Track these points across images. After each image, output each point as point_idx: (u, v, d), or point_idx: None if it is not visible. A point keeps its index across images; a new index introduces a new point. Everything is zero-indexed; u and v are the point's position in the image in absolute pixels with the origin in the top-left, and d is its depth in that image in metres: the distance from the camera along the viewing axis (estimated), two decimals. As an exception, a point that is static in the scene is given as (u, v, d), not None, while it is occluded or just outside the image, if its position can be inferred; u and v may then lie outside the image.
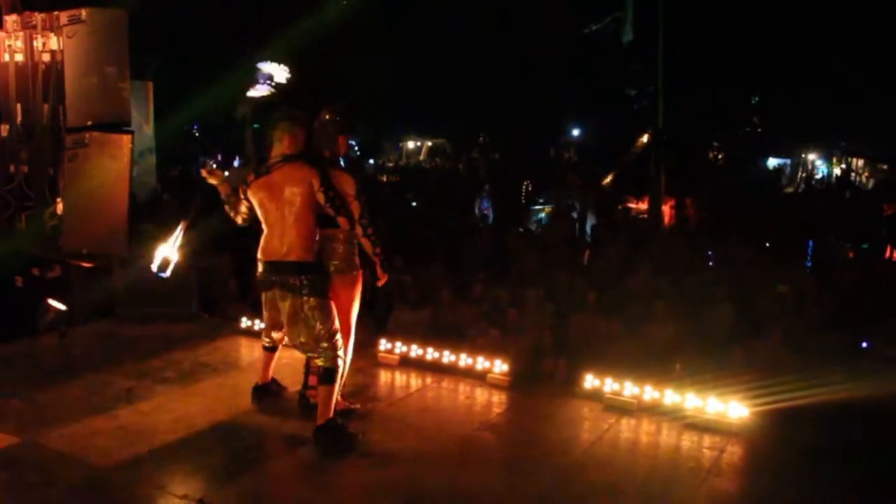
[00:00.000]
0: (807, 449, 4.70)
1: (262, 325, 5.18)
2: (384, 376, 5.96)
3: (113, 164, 7.16)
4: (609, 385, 5.43)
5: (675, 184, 12.55)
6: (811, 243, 10.40)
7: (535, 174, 16.34)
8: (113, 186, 7.12)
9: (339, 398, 4.85)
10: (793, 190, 21.54)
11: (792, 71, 16.98)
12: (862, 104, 17.35)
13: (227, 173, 4.82)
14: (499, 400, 5.57)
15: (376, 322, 7.31)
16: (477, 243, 10.54)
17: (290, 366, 5.69)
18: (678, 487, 4.29)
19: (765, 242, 9.05)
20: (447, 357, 6.04)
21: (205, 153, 21.79)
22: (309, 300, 4.48)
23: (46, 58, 7.23)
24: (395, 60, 16.98)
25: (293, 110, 4.68)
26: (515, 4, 16.05)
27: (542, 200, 15.40)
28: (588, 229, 12.52)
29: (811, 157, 25.12)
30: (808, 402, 4.97)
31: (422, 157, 28.21)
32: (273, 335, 5.08)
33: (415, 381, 5.91)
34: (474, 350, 6.06)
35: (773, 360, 5.65)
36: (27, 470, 4.24)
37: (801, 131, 20.76)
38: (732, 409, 5.00)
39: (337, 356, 4.55)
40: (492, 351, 6.02)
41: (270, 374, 5.29)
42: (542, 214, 14.40)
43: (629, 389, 5.36)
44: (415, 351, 6.18)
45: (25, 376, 5.75)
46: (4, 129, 7.28)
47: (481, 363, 5.91)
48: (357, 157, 22.31)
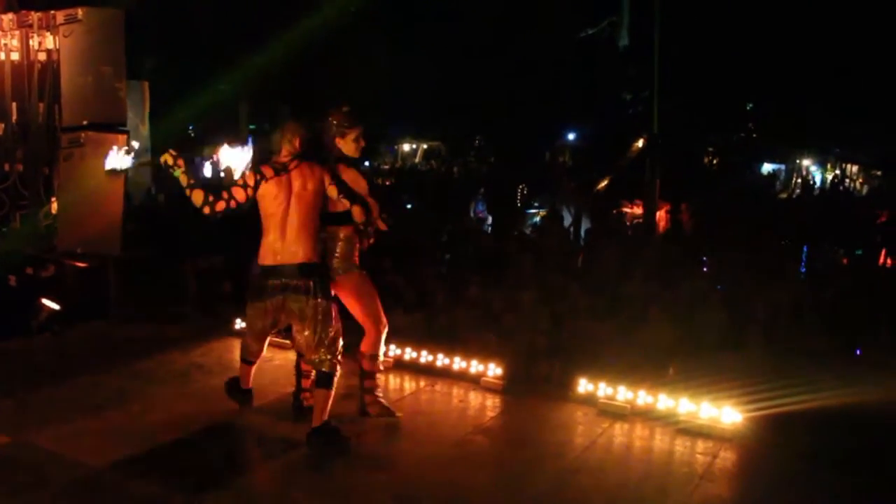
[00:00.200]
0: (800, 455, 4.71)
1: (244, 337, 5.01)
2: (379, 379, 5.94)
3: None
4: (603, 389, 5.44)
5: (670, 189, 12.54)
6: (805, 249, 10.41)
7: (530, 178, 16.33)
8: (108, 186, 7.13)
9: (384, 403, 4.97)
10: (787, 195, 21.58)
11: (787, 77, 17.03)
12: (856, 110, 17.41)
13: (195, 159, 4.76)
14: (492, 404, 5.57)
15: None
16: (472, 246, 10.52)
17: (283, 367, 5.70)
18: (671, 492, 4.29)
19: (759, 248, 9.06)
20: (441, 360, 6.05)
21: (200, 154, 21.71)
22: (318, 302, 4.46)
23: (42, 57, 7.24)
24: (392, 62, 16.98)
25: (300, 111, 4.72)
26: (512, 8, 16.07)
27: (537, 204, 15.40)
28: (583, 233, 12.51)
29: (805, 162, 25.18)
30: (802, 408, 4.99)
31: (417, 160, 28.20)
32: (254, 348, 4.94)
33: (408, 384, 5.91)
34: (468, 353, 6.06)
35: (767, 365, 5.65)
36: (18, 470, 4.23)
37: (795, 137, 20.82)
38: (726, 414, 5.01)
39: (337, 362, 4.55)
40: (486, 354, 6.02)
41: (251, 381, 5.17)
42: (537, 219, 14.40)
43: (623, 394, 5.37)
44: (409, 354, 6.19)
45: (18, 376, 5.73)
46: (0, 128, 7.28)
47: (475, 367, 5.92)
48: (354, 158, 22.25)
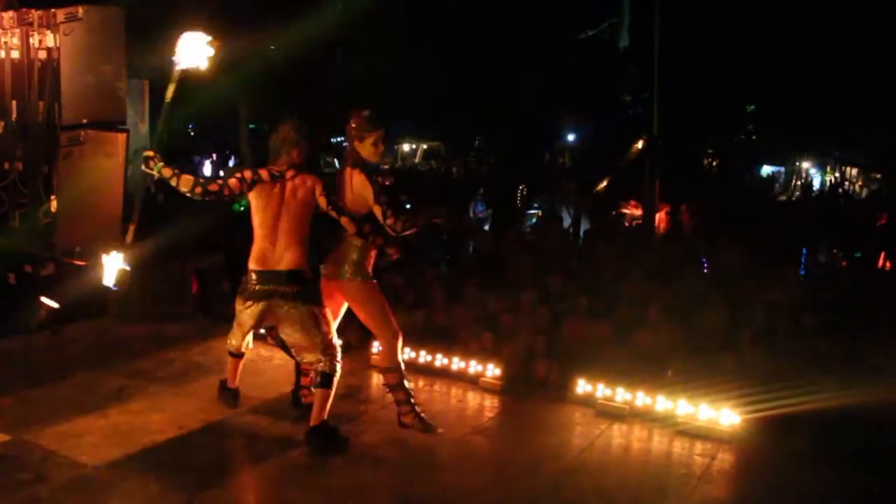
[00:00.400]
0: (798, 456, 4.72)
1: (232, 331, 4.99)
2: (376, 379, 5.94)
3: (108, 163, 7.17)
4: (601, 391, 5.45)
5: (670, 190, 12.54)
6: (804, 251, 10.43)
7: (530, 179, 16.33)
8: (107, 185, 7.13)
9: (419, 414, 4.90)
10: (786, 198, 21.60)
11: (787, 79, 17.03)
12: (856, 113, 17.41)
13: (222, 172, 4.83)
14: (491, 404, 5.58)
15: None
16: (471, 246, 10.53)
17: (283, 367, 5.69)
18: (669, 494, 4.30)
19: (758, 250, 9.07)
20: (439, 360, 6.05)
21: (200, 152, 21.74)
22: (304, 308, 4.53)
23: (42, 55, 7.23)
24: (393, 61, 16.97)
25: (299, 122, 4.75)
26: (512, 9, 16.06)
27: (536, 205, 15.41)
28: (581, 234, 12.51)
29: (805, 165, 25.21)
30: (800, 410, 4.99)
31: (417, 160, 28.21)
32: (234, 342, 4.99)
33: (407, 384, 5.90)
34: (467, 354, 6.07)
35: (765, 367, 5.66)
36: (18, 468, 4.22)
37: (795, 140, 20.83)
38: (724, 415, 5.03)
39: (335, 362, 4.57)
40: (484, 355, 6.03)
41: (237, 380, 5.21)
42: (535, 220, 14.41)
43: (621, 395, 5.38)
44: (407, 354, 6.17)
45: (17, 374, 5.72)
46: (0, 127, 7.27)
47: (474, 367, 5.92)
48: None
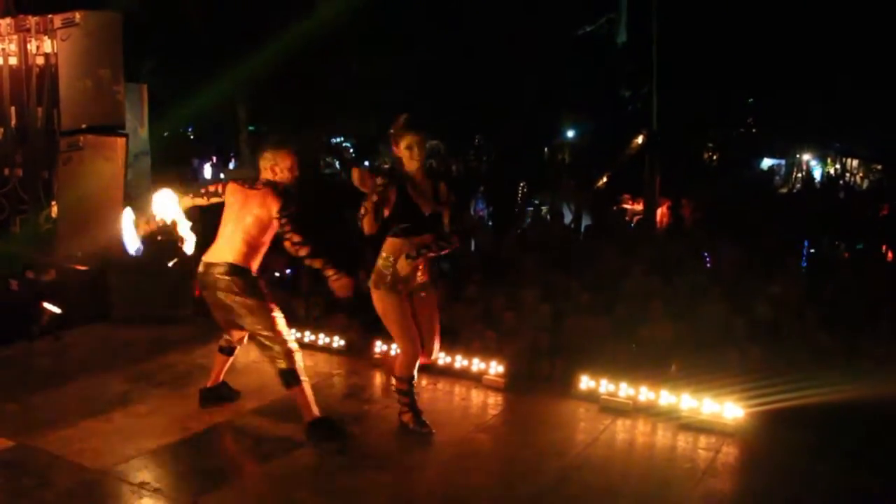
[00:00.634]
0: (802, 450, 4.72)
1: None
2: (379, 378, 5.96)
3: (107, 167, 7.18)
4: (605, 386, 5.44)
5: (670, 185, 12.53)
6: (806, 243, 10.41)
7: (529, 175, 16.32)
8: (107, 189, 7.14)
9: (418, 415, 4.91)
10: (787, 190, 21.55)
11: (786, 71, 17.01)
12: (856, 105, 17.37)
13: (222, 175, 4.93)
14: (494, 402, 5.58)
15: (371, 324, 7.27)
16: (472, 244, 10.52)
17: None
18: (674, 488, 4.30)
19: (760, 242, 9.06)
20: (442, 359, 6.04)
21: (199, 156, 21.73)
22: (236, 298, 4.68)
23: (40, 61, 7.24)
24: (393, 60, 16.95)
25: (279, 140, 4.94)
26: (511, 7, 16.04)
27: (536, 202, 15.39)
28: (583, 230, 12.49)
29: (806, 157, 25.14)
30: (804, 403, 4.98)
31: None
32: (226, 336, 5.13)
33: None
34: (470, 352, 6.06)
35: (768, 360, 5.65)
36: (22, 473, 4.23)
37: (795, 132, 20.79)
38: (728, 409, 5.02)
39: (293, 360, 4.67)
40: (487, 352, 6.03)
41: (222, 377, 5.27)
42: (529, 220, 14.40)
43: (625, 390, 5.37)
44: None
45: (20, 379, 5.74)
46: (-1, 133, 7.28)
47: (477, 365, 5.92)
48: (353, 159, 22.27)
